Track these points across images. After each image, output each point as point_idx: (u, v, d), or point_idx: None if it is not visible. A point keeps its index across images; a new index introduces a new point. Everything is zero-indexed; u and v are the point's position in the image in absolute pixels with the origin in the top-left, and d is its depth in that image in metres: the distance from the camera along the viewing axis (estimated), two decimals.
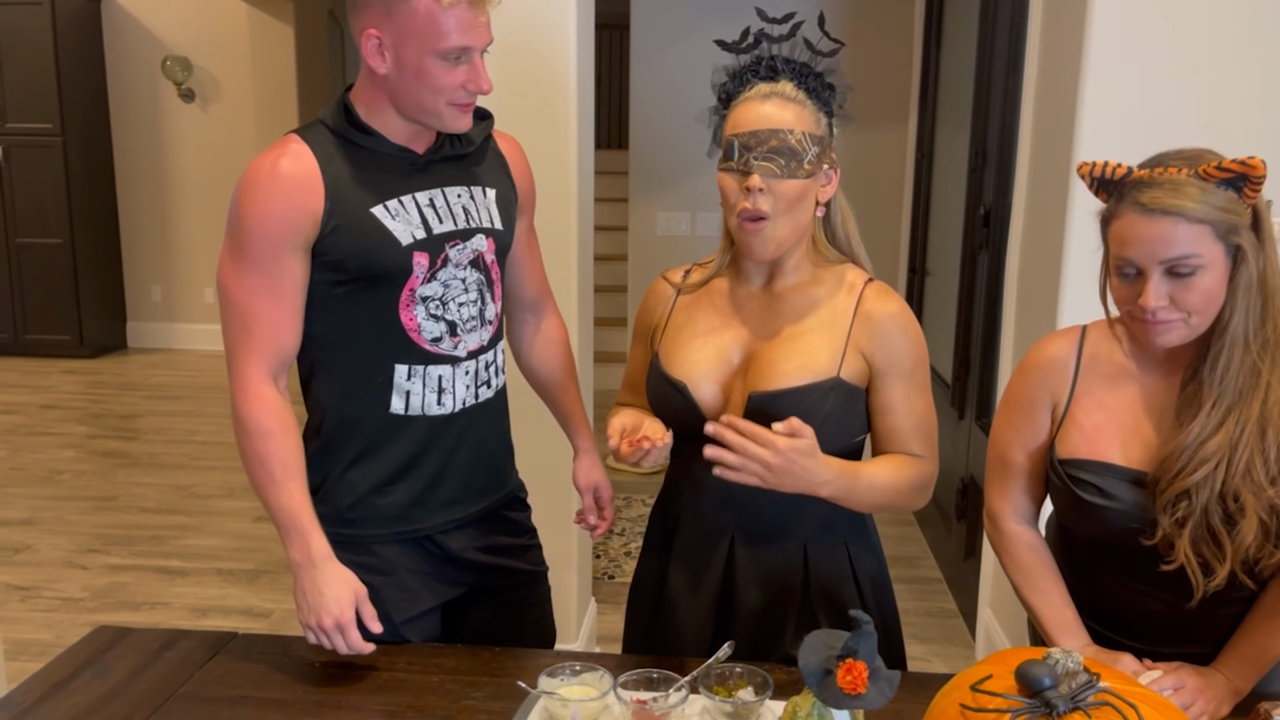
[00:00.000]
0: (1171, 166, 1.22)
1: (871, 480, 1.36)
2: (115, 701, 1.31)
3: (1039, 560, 1.42)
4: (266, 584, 3.45)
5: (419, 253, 1.43)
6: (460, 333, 1.49)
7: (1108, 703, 0.94)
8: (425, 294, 1.45)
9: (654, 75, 4.56)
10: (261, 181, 1.38)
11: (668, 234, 4.75)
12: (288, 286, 1.40)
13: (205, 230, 6.75)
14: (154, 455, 4.76)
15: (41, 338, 6.47)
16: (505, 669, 1.40)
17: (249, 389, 1.39)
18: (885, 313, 1.38)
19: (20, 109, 6.19)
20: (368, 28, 1.36)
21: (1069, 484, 1.34)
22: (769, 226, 1.34)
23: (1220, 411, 1.24)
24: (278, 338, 1.40)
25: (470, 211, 1.49)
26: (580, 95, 2.50)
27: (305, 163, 1.39)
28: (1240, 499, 1.23)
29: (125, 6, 6.54)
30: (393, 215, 1.42)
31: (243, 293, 1.39)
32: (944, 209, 3.91)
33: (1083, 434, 1.34)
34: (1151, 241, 1.21)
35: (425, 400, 1.48)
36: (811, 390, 1.35)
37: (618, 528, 3.95)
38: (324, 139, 1.42)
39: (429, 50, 1.34)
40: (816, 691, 1.03)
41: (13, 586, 3.37)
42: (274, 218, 1.37)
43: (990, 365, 3.07)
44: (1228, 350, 1.24)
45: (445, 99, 1.38)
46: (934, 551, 3.75)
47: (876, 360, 1.38)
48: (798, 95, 1.35)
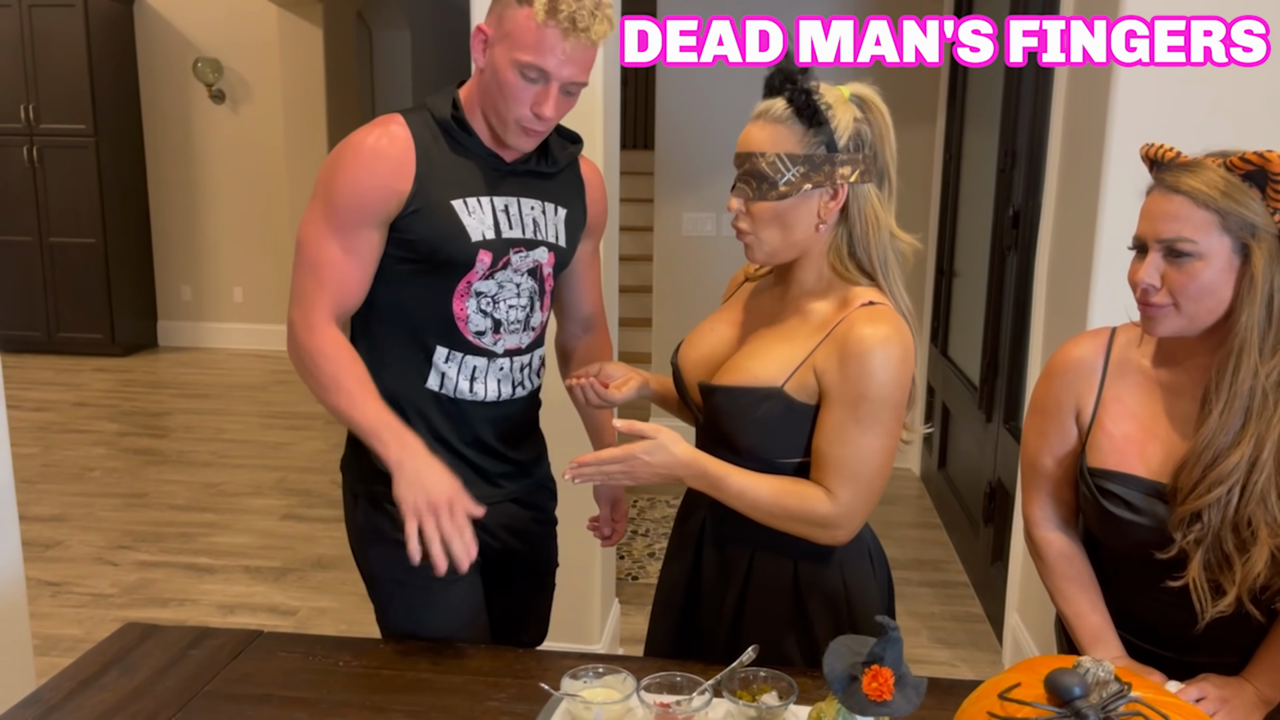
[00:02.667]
0: (1210, 158, 1.22)
1: (742, 490, 1.34)
2: (142, 699, 1.32)
3: (1070, 568, 1.40)
4: (293, 582, 3.47)
5: (484, 251, 1.50)
6: (503, 331, 1.56)
7: (1139, 713, 0.93)
8: (480, 289, 1.52)
9: (680, 76, 4.55)
10: (359, 154, 1.46)
11: (693, 235, 4.74)
12: (364, 251, 1.48)
13: (234, 230, 6.82)
14: (183, 453, 4.80)
15: (74, 336, 6.55)
16: (529, 671, 1.40)
17: (315, 325, 1.47)
18: (856, 335, 1.30)
19: (54, 110, 6.27)
20: (484, 24, 1.46)
21: (1096, 495, 1.32)
22: (752, 241, 1.39)
23: (1232, 418, 1.21)
24: (345, 290, 1.48)
25: (540, 225, 1.57)
26: (606, 95, 2.50)
27: (401, 144, 1.47)
28: (1254, 526, 1.21)
29: (157, 9, 6.61)
30: (469, 211, 1.50)
31: (319, 249, 1.47)
32: (972, 209, 3.88)
33: (1112, 444, 1.33)
34: (1158, 217, 1.22)
35: (458, 385, 1.55)
36: (748, 393, 1.36)
37: (641, 529, 3.95)
38: (425, 125, 1.50)
39: (511, 57, 1.41)
40: (841, 698, 1.02)
41: (44, 582, 3.42)
42: (364, 190, 1.45)
43: (1019, 368, 3.04)
44: (1236, 355, 1.21)
45: (514, 113, 1.44)
46: (961, 555, 3.72)
47: (825, 379, 1.32)
48: (783, 114, 1.32)
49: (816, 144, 1.32)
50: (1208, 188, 1.18)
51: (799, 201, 1.33)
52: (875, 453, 1.31)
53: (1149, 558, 1.28)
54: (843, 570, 1.43)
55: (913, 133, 4.51)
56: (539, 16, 1.38)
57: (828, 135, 1.32)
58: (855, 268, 1.38)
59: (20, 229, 6.39)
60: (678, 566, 1.55)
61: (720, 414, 1.39)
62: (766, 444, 1.37)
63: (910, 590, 3.44)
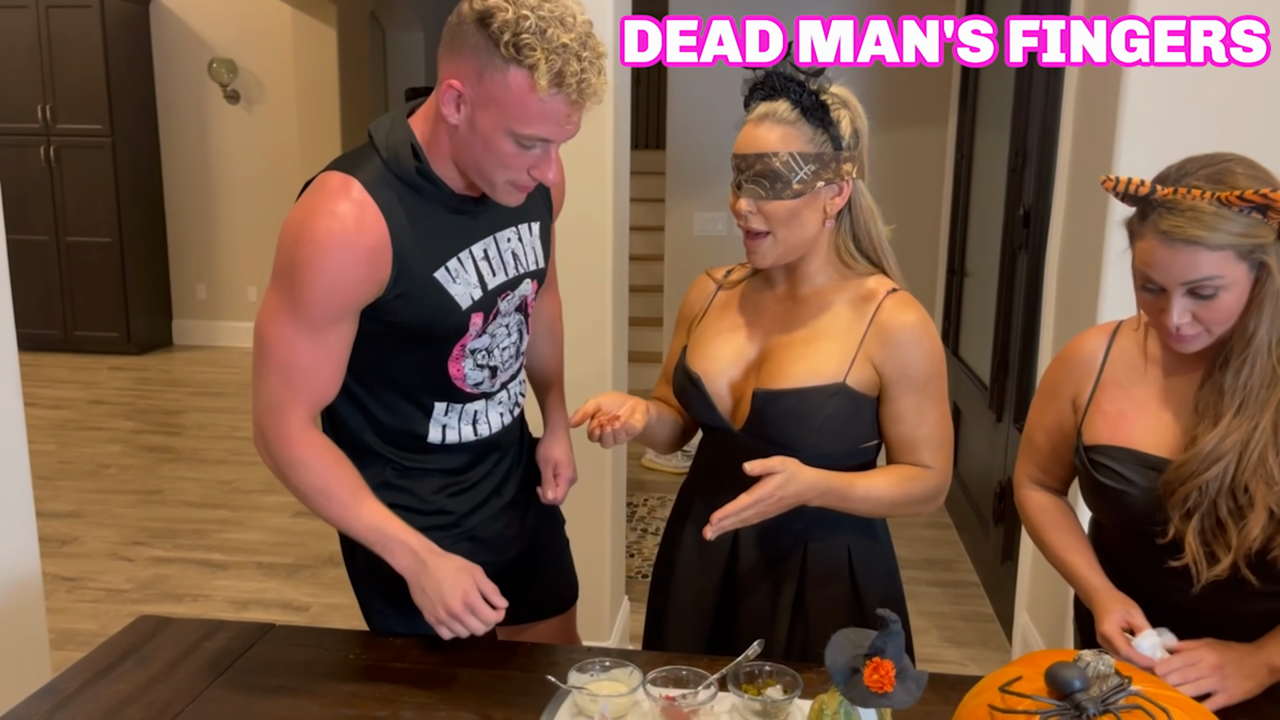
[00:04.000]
0: (1195, 189, 1.20)
1: (867, 492, 1.42)
2: (155, 689, 1.34)
3: (1048, 518, 1.48)
4: (305, 578, 3.50)
5: (475, 314, 1.43)
6: (500, 374, 1.52)
7: (1138, 706, 0.93)
8: (475, 347, 1.46)
9: (692, 76, 4.56)
10: (326, 248, 1.28)
11: (704, 234, 4.75)
12: (336, 346, 1.35)
13: (249, 230, 6.86)
14: (197, 451, 4.84)
15: (90, 334, 6.61)
16: (536, 664, 1.41)
17: (291, 435, 1.36)
18: (900, 323, 1.40)
19: (71, 111, 6.32)
20: (452, 78, 1.27)
21: (1089, 468, 1.37)
22: (766, 241, 1.41)
23: (1237, 416, 1.25)
24: (319, 389, 1.37)
25: (519, 256, 1.48)
26: (617, 96, 2.51)
27: (375, 230, 1.30)
28: (1250, 491, 1.23)
29: (172, 9, 6.66)
30: (454, 278, 1.39)
31: (286, 348, 1.33)
32: (983, 209, 3.88)
33: (1106, 419, 1.37)
34: (1173, 267, 1.22)
35: (461, 432, 1.52)
36: (814, 393, 1.39)
37: (651, 528, 3.96)
38: (386, 186, 1.33)
39: (506, 128, 1.26)
40: (843, 690, 1.03)
41: (60, 577, 3.45)
42: (339, 289, 1.30)
43: (1029, 367, 3.04)
44: (1251, 360, 1.24)
45: (505, 176, 1.32)
46: (971, 555, 3.71)
47: (887, 370, 1.41)
48: (790, 115, 1.36)
49: (824, 142, 1.37)
50: (1214, 232, 1.18)
51: (810, 199, 1.38)
52: (946, 418, 1.46)
53: (1142, 534, 1.31)
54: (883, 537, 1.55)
55: (924, 133, 4.52)
56: (542, 88, 1.21)
57: (835, 134, 1.38)
58: (861, 257, 1.46)
59: (37, 228, 6.45)
60: (709, 572, 1.54)
61: (783, 417, 1.41)
62: (844, 438, 1.42)
63: (920, 589, 3.45)
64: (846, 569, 1.49)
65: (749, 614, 1.52)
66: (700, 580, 1.56)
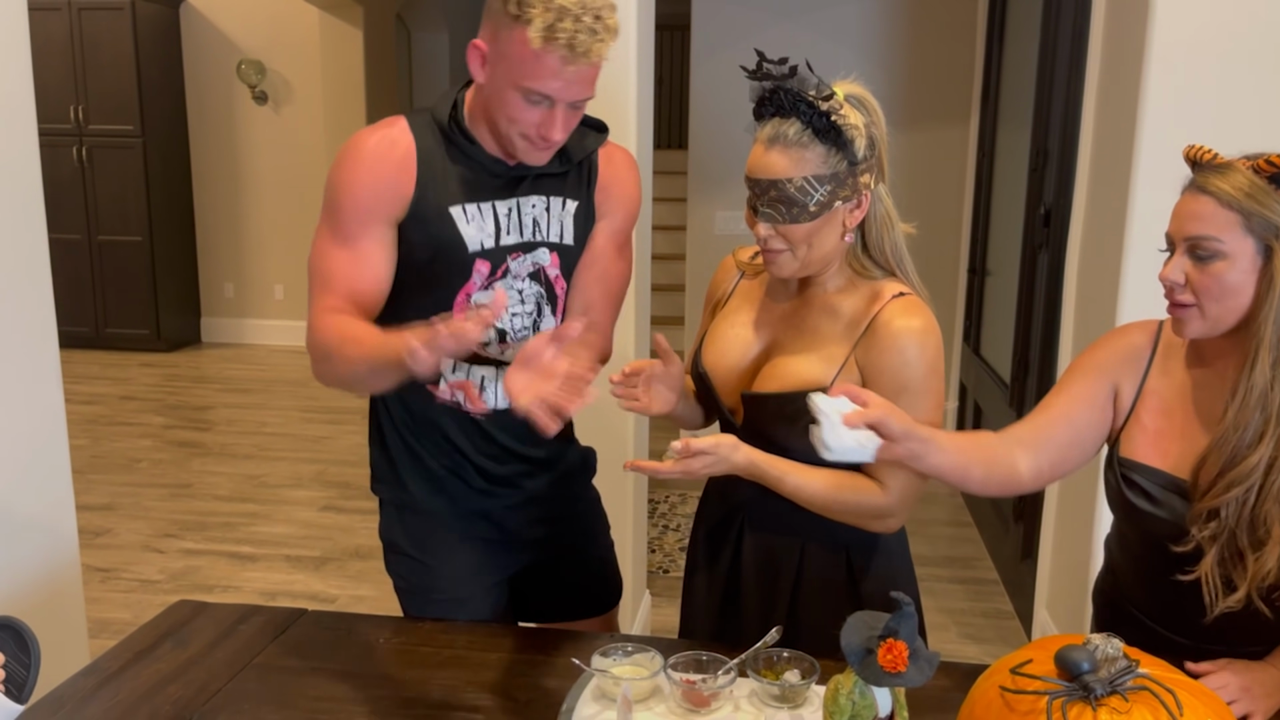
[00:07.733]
0: (1247, 160, 1.22)
1: (797, 487, 1.37)
2: (193, 670, 1.39)
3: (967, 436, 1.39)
4: (332, 570, 3.56)
5: (482, 260, 1.46)
6: (510, 341, 1.51)
7: (1145, 688, 0.96)
8: (480, 300, 1.47)
9: (714, 76, 4.59)
10: (360, 158, 1.42)
11: (726, 233, 4.78)
12: (373, 253, 1.43)
13: (276, 229, 6.94)
14: (226, 446, 4.92)
15: (121, 332, 6.71)
16: (561, 649, 1.45)
17: (320, 318, 1.40)
18: (894, 327, 1.35)
19: (102, 112, 6.42)
20: (479, 39, 1.39)
21: (1121, 484, 1.35)
22: (785, 257, 1.38)
23: (1249, 415, 1.22)
24: (358, 291, 1.42)
25: (540, 223, 1.50)
26: (640, 96, 2.54)
27: (403, 148, 1.43)
28: (1269, 524, 1.22)
29: (202, 12, 6.75)
30: (468, 219, 1.45)
31: (326, 260, 1.43)
32: (1005, 208, 3.88)
33: (1145, 436, 1.35)
34: (1185, 217, 1.24)
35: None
36: (797, 397, 1.33)
37: (673, 524, 3.99)
38: (428, 127, 1.46)
39: (512, 82, 1.35)
40: (858, 670, 1.06)
41: (94, 568, 3.53)
42: (367, 193, 1.41)
43: (1049, 366, 3.05)
44: (1253, 354, 1.22)
45: (517, 130, 1.39)
46: (991, 552, 3.72)
47: (867, 371, 1.37)
48: (802, 138, 1.32)
49: (838, 160, 1.33)
50: (1233, 189, 1.20)
51: (829, 218, 1.36)
52: None
53: (1164, 549, 1.30)
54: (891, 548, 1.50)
55: (946, 132, 4.52)
56: (536, 41, 1.30)
57: (849, 151, 1.33)
58: (873, 264, 1.42)
59: (70, 227, 6.55)
60: (714, 568, 1.56)
61: (769, 420, 1.41)
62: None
63: (940, 586, 3.46)
64: (845, 572, 1.48)
65: (749, 614, 1.53)
66: (709, 575, 1.58)
